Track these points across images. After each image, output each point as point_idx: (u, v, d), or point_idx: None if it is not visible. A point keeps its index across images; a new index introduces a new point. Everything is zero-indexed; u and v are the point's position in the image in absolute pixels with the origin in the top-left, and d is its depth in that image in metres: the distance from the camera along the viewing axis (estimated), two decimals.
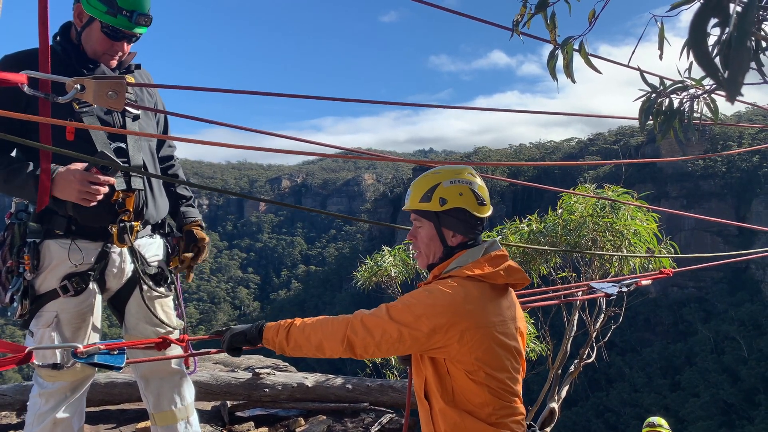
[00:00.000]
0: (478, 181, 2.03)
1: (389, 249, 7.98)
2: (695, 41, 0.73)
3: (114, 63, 2.57)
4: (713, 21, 0.79)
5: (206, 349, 2.49)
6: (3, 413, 4.59)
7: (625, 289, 3.36)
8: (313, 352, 1.90)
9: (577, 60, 2.15)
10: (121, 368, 2.11)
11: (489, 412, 1.84)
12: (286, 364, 5.90)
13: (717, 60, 0.82)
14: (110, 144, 2.54)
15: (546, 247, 5.83)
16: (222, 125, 2.30)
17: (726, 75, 0.73)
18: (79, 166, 2.32)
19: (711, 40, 0.89)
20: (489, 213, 2.04)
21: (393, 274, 7.66)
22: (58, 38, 2.54)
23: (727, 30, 0.79)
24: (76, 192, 2.31)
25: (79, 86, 1.75)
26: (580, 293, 3.85)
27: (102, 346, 2.07)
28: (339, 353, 1.86)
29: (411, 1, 2.29)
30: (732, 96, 0.71)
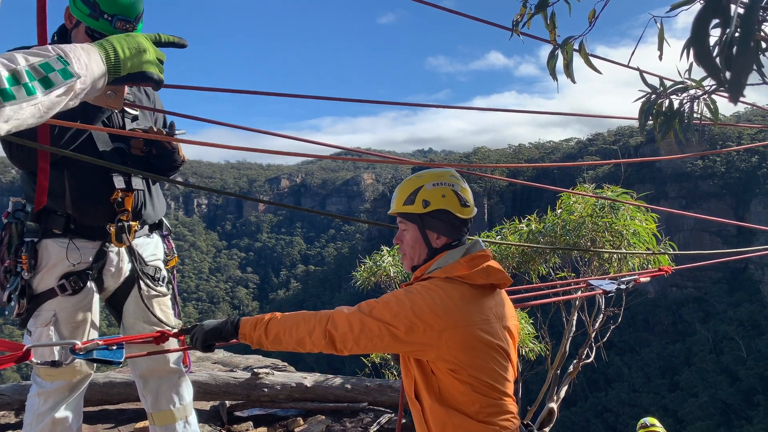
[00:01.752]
0: (462, 183, 2.06)
1: (388, 249, 7.99)
2: (697, 42, 0.73)
3: None
4: (714, 21, 0.79)
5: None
6: (1, 413, 4.59)
7: (623, 287, 3.35)
8: (293, 346, 1.90)
9: (576, 60, 2.15)
10: (120, 363, 2.10)
11: (476, 410, 1.86)
12: (285, 363, 5.90)
13: (718, 60, 0.81)
14: (111, 144, 2.55)
15: (545, 245, 5.83)
16: (221, 125, 2.30)
17: (728, 76, 0.73)
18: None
19: (712, 41, 0.89)
20: (473, 214, 2.06)
21: (392, 274, 7.66)
22: (56, 38, 2.53)
23: (728, 31, 0.78)
24: None
25: None
26: (579, 291, 3.85)
27: (100, 342, 2.07)
28: (320, 348, 1.87)
29: (408, 2, 2.28)
30: (735, 97, 0.71)
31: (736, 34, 0.72)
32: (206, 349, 2.01)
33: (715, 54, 0.91)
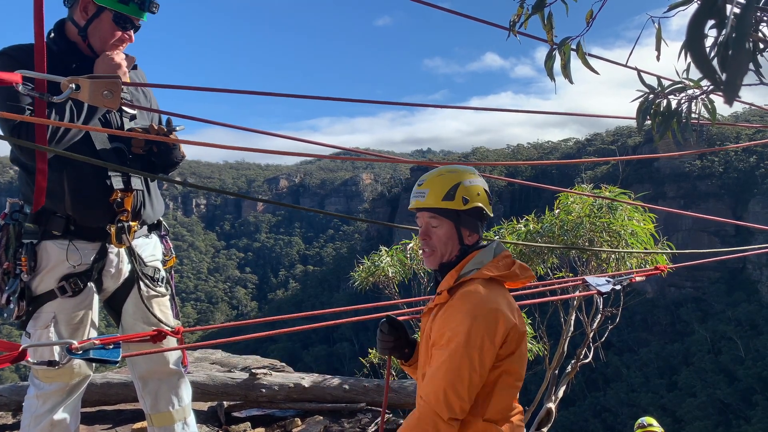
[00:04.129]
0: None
1: (387, 249, 7.97)
2: (692, 43, 0.73)
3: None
4: (710, 22, 0.79)
5: (200, 342, 2.47)
6: None
7: (618, 286, 3.35)
8: None
9: (573, 61, 2.15)
10: (117, 362, 2.10)
11: (500, 408, 1.88)
12: (283, 364, 5.89)
13: (714, 61, 0.81)
14: (109, 144, 2.54)
15: (543, 245, 5.83)
16: (220, 125, 2.29)
17: (724, 77, 0.73)
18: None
19: (708, 42, 0.89)
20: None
21: (390, 275, 7.64)
22: (52, 35, 2.51)
23: (724, 31, 0.78)
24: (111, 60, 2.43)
25: (74, 86, 1.74)
26: (576, 290, 3.85)
27: (97, 342, 2.06)
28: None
29: (404, 4, 2.28)
30: (730, 98, 0.71)
31: (732, 35, 0.72)
32: None
33: (711, 55, 0.91)
